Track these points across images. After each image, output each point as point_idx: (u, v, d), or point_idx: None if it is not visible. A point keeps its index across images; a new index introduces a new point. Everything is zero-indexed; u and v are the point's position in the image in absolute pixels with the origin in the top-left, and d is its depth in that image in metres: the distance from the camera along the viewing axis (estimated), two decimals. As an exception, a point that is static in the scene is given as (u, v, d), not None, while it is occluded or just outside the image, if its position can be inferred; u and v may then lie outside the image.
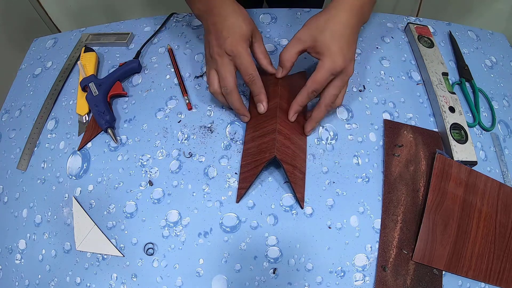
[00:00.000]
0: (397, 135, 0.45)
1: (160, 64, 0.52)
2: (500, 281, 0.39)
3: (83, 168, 0.45)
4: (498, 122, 0.49)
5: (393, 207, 0.41)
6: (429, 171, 0.43)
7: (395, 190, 0.42)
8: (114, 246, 0.40)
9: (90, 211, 0.42)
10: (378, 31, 0.56)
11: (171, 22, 0.57)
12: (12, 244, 0.42)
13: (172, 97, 0.49)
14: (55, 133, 0.48)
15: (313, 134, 0.45)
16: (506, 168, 0.45)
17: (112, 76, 0.49)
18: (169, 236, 0.40)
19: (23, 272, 0.41)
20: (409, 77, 0.51)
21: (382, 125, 0.46)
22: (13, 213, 0.44)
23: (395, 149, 0.44)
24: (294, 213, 0.41)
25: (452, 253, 0.39)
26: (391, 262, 0.38)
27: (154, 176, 0.43)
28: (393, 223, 0.40)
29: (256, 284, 0.38)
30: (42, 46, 0.59)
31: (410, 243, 0.39)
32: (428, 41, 0.53)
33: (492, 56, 0.56)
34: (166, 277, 0.38)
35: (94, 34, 0.57)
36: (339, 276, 0.38)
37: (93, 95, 0.47)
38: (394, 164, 0.43)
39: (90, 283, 0.39)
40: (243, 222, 0.40)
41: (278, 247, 0.39)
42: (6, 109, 0.53)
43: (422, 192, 0.42)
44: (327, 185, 0.42)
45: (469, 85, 0.52)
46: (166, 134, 0.46)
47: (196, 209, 0.41)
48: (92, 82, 0.48)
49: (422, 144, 0.45)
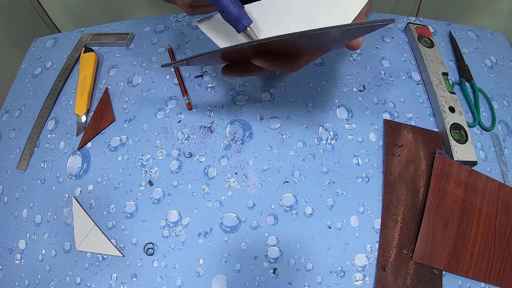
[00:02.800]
0: (397, 135, 0.45)
1: (160, 64, 0.52)
2: (500, 281, 0.39)
3: (83, 168, 0.45)
4: (498, 122, 0.49)
5: (393, 207, 0.41)
6: (429, 171, 0.43)
7: (395, 190, 0.42)
8: (114, 246, 0.40)
9: (90, 211, 0.42)
10: (378, 31, 0.56)
11: (171, 22, 0.57)
12: (12, 244, 0.43)
13: (172, 97, 0.49)
14: (55, 133, 0.48)
15: (313, 134, 0.45)
16: (506, 168, 0.45)
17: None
18: (169, 236, 0.40)
19: (23, 272, 0.41)
20: (409, 77, 0.51)
21: (382, 125, 0.46)
22: (13, 213, 0.44)
23: (395, 149, 0.44)
24: (294, 213, 0.41)
25: (452, 253, 0.38)
26: (391, 262, 0.38)
27: (154, 176, 0.43)
28: (393, 223, 0.40)
29: (256, 284, 0.38)
30: (42, 46, 0.59)
31: (410, 243, 0.39)
32: (428, 41, 0.53)
33: (492, 56, 0.56)
34: (166, 277, 0.38)
35: (94, 34, 0.57)
36: (339, 276, 0.38)
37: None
38: (394, 164, 0.43)
39: (90, 283, 0.39)
40: (243, 222, 0.40)
41: (278, 247, 0.39)
42: (6, 109, 0.53)
43: (422, 192, 0.42)
44: (327, 185, 0.42)
45: (469, 85, 0.52)
46: (166, 134, 0.46)
47: (196, 209, 0.41)
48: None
49: (422, 144, 0.45)
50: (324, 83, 0.49)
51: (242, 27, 0.35)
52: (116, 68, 0.53)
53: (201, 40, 0.55)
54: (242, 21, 0.34)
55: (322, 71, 0.50)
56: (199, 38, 0.55)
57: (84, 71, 0.51)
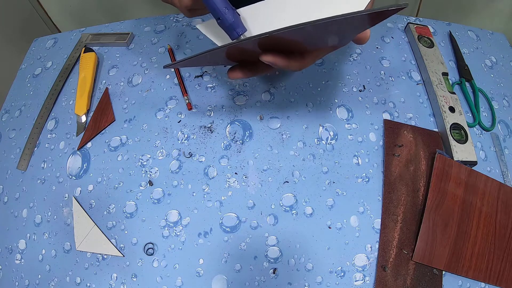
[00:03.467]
0: (397, 135, 0.45)
1: (160, 64, 0.52)
2: (500, 281, 0.39)
3: (83, 168, 0.45)
4: (498, 122, 0.49)
5: (393, 207, 0.41)
6: (429, 171, 0.43)
7: (395, 190, 0.42)
8: (114, 246, 0.40)
9: (90, 211, 0.42)
10: (378, 31, 0.56)
11: (171, 22, 0.57)
12: (12, 244, 0.43)
13: (172, 97, 0.49)
14: (55, 133, 0.48)
15: (313, 134, 0.45)
16: (506, 168, 0.45)
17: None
18: (169, 236, 0.40)
19: (23, 272, 0.41)
20: (409, 77, 0.51)
21: (382, 125, 0.46)
22: (13, 213, 0.44)
23: (395, 149, 0.44)
24: (294, 213, 0.41)
25: (452, 253, 0.38)
26: (391, 262, 0.38)
27: (154, 176, 0.43)
28: (393, 223, 0.40)
29: (256, 284, 0.38)
30: (42, 46, 0.59)
31: (410, 243, 0.39)
32: (428, 41, 0.53)
33: (492, 56, 0.56)
34: (166, 277, 0.38)
35: (94, 34, 0.57)
36: (339, 276, 0.38)
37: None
38: (394, 164, 0.43)
39: (90, 283, 0.39)
40: (243, 222, 0.40)
41: (278, 247, 0.39)
42: (6, 109, 0.53)
43: (422, 192, 0.42)
44: (327, 185, 0.42)
45: (469, 85, 0.52)
46: (166, 134, 0.46)
47: (196, 209, 0.41)
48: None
49: (422, 144, 0.45)
50: (324, 83, 0.49)
51: (236, 35, 0.35)
52: (116, 68, 0.53)
53: (201, 40, 0.55)
54: (237, 29, 0.35)
55: (322, 71, 0.50)
56: (199, 38, 0.55)
57: (84, 71, 0.51)
